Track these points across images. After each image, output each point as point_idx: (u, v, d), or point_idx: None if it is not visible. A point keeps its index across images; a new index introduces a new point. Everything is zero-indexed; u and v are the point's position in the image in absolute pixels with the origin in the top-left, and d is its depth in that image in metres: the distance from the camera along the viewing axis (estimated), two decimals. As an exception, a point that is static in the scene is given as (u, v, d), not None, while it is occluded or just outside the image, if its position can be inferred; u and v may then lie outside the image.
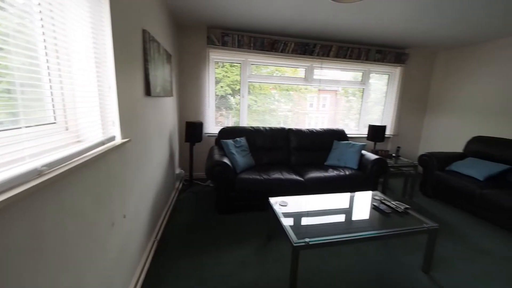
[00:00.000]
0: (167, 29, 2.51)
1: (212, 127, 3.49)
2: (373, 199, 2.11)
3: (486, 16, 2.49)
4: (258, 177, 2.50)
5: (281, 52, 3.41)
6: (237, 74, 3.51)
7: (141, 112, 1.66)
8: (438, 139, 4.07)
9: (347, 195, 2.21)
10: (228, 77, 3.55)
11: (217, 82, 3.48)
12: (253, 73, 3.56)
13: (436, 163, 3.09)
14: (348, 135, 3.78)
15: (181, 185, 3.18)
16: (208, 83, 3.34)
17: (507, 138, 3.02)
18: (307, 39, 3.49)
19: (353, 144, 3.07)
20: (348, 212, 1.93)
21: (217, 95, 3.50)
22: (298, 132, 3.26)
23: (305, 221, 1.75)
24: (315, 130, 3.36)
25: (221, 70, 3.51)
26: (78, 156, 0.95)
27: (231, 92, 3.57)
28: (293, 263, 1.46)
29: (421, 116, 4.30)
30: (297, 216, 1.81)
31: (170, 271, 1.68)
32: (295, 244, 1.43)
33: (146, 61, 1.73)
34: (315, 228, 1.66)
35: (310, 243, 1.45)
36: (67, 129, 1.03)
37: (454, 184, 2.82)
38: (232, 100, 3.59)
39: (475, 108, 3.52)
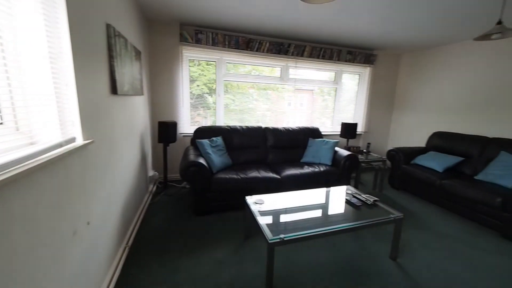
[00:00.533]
0: (135, 24, 2.39)
1: (187, 126, 3.40)
2: (346, 193, 2.21)
3: (441, 25, 2.72)
4: (235, 176, 2.49)
5: (256, 51, 3.42)
6: (213, 73, 3.46)
7: (106, 112, 1.57)
8: (404, 135, 4.37)
9: (321, 191, 2.28)
10: (205, 75, 3.49)
11: (193, 80, 3.40)
12: (230, 72, 3.54)
13: (402, 157, 3.32)
14: (323, 133, 3.91)
15: (155, 187, 3.06)
16: (182, 81, 3.25)
17: (461, 133, 3.34)
18: (281, 39, 3.54)
19: (327, 141, 3.19)
20: (322, 207, 1.99)
21: (193, 94, 3.42)
22: (275, 131, 3.30)
23: (280, 217, 1.77)
24: (291, 128, 3.42)
25: (197, 69, 3.43)
26: (30, 160, 0.87)
27: (208, 91, 3.51)
28: (269, 259, 1.47)
29: (389, 113, 4.58)
30: (273, 213, 1.83)
31: (143, 278, 1.61)
32: (270, 241, 1.45)
33: (111, 58, 1.63)
34: (291, 224, 1.70)
35: (285, 239, 1.48)
36: (17, 130, 0.94)
37: (418, 176, 3.05)
38: (209, 99, 3.53)
39: (435, 106, 3.83)
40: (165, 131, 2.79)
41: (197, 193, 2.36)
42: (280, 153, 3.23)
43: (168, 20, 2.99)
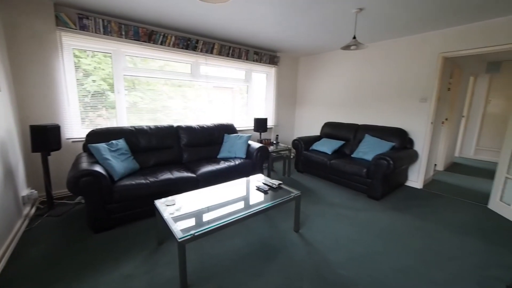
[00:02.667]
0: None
1: (77, 130, 2.82)
2: (256, 181, 2.41)
3: (320, 36, 3.33)
4: (143, 181, 2.27)
5: (161, 44, 3.20)
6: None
7: None
8: (305, 125, 5.14)
9: (234, 183, 2.40)
10: (103, 69, 2.98)
11: (88, 75, 2.85)
12: (138, 66, 3.18)
13: (303, 145, 3.91)
14: (239, 128, 4.11)
15: (34, 210, 2.41)
16: (65, 75, 2.66)
17: (342, 122, 4.23)
18: (189, 34, 3.45)
19: (241, 136, 3.37)
20: (233, 197, 2.10)
21: (88, 91, 2.87)
22: (189, 129, 3.20)
23: (192, 214, 1.75)
24: (206, 125, 3.41)
25: (91, 61, 2.89)
26: None
27: (109, 87, 3.02)
28: (180, 258, 1.44)
29: (293, 108, 5.28)
30: (184, 211, 1.79)
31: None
32: (180, 239, 1.41)
33: None
34: (203, 219, 1.71)
35: (196, 234, 1.48)
36: None
37: (314, 159, 3.67)
38: (112, 97, 3.05)
39: (325, 101, 4.69)
40: (43, 136, 2.22)
41: (94, 207, 2.02)
42: (195, 152, 3.17)
43: (34, -3, 2.37)
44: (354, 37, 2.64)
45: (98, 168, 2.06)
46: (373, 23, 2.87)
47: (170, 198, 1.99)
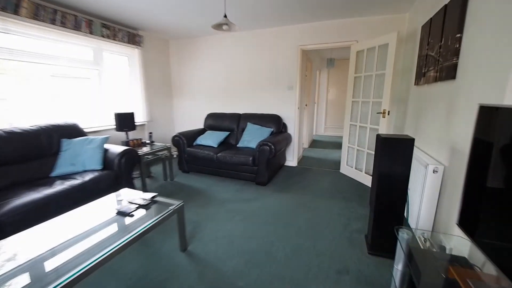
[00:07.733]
0: None
1: None
2: (117, 201, 1.71)
3: (187, 14, 2.86)
4: None
5: None
6: None
7: None
8: (187, 119, 4.60)
9: (77, 213, 1.58)
10: None
11: None
12: None
13: (186, 141, 3.41)
14: (94, 129, 3.02)
15: None
16: None
17: (226, 112, 4.06)
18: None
19: (92, 139, 2.39)
20: (73, 239, 1.33)
21: None
22: (-23, 138, 1.87)
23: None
24: (22, 129, 2.15)
25: None
26: None
27: None
28: None
29: (170, 100, 4.57)
30: None
31: None
32: None
33: None
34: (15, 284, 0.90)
35: None
36: None
37: (200, 155, 3.28)
38: None
39: (206, 91, 4.34)
40: None
41: None
42: (1, 174, 1.92)
43: None
44: (225, 16, 2.39)
45: None
46: (241, 8, 2.74)
47: None
